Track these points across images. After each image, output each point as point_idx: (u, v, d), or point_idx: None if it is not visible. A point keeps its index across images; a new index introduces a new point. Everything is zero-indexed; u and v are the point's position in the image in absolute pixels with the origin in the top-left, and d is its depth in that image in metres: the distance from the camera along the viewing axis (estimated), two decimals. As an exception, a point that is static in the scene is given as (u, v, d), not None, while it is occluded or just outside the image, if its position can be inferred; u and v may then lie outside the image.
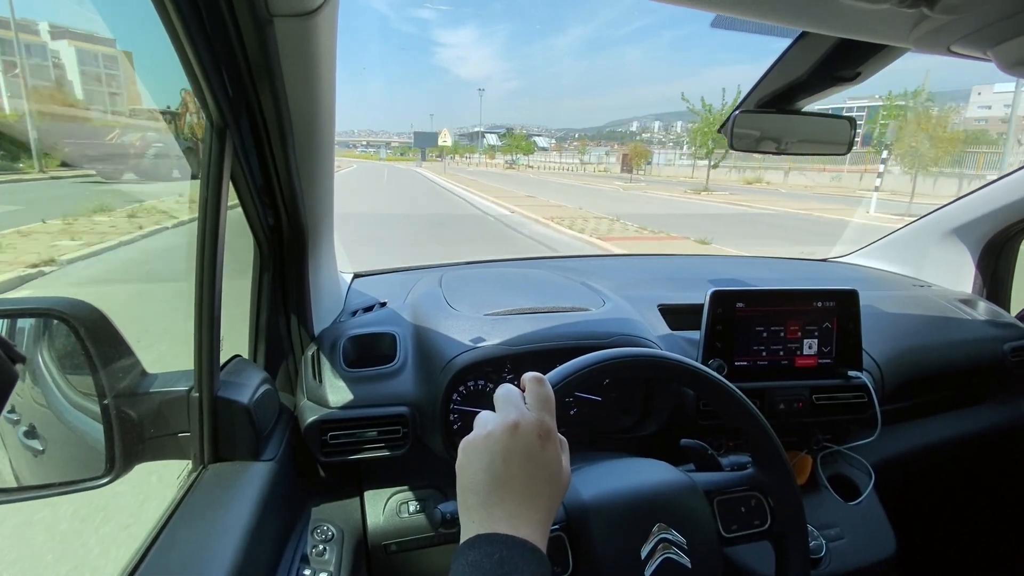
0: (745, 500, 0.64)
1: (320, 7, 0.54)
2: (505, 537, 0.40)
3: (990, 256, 1.41)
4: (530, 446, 0.44)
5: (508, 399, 0.47)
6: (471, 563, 0.38)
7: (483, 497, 0.42)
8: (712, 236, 8.88)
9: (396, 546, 0.88)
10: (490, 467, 0.43)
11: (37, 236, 5.58)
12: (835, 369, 0.99)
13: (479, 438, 0.45)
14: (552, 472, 0.44)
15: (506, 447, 0.43)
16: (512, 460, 0.43)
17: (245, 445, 0.72)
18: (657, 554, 0.56)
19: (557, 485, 0.45)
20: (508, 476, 0.42)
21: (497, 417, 0.46)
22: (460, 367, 0.85)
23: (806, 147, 0.91)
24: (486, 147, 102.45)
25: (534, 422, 0.45)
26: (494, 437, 0.44)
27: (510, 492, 0.42)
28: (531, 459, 0.43)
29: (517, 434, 0.44)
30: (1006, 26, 0.47)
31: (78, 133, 11.14)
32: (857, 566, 0.94)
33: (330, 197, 0.88)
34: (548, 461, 0.44)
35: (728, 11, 0.53)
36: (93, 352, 0.60)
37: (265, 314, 0.89)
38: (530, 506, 0.42)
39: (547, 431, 0.45)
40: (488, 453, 0.43)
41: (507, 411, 0.46)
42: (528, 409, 0.47)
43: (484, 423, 0.46)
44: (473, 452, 0.44)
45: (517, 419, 0.45)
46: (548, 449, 0.45)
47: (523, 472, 0.43)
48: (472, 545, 0.40)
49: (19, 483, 0.67)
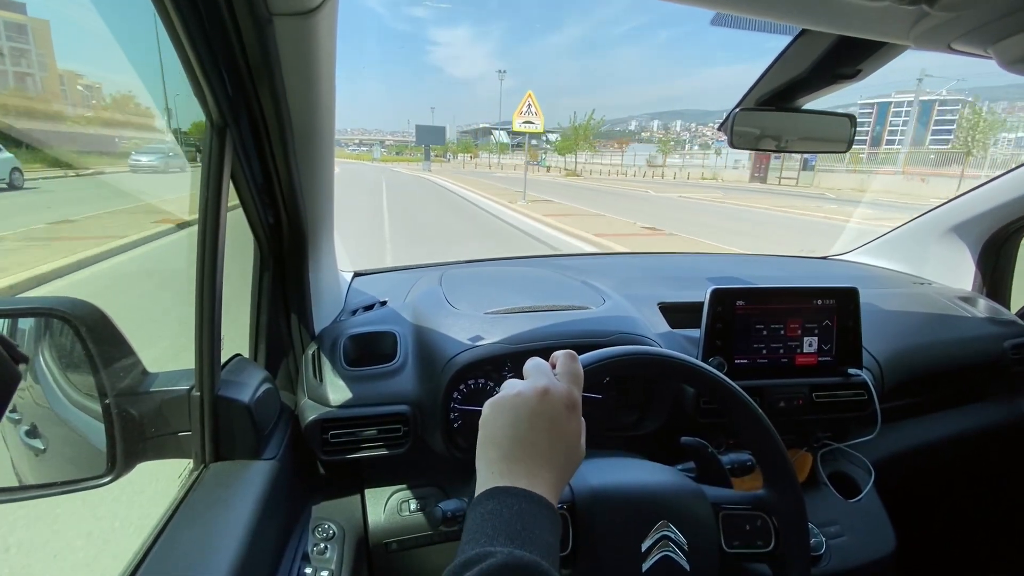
0: (751, 519, 0.63)
1: (320, 6, 0.54)
2: (524, 492, 0.40)
3: (990, 253, 1.41)
4: (557, 413, 0.45)
5: (539, 369, 0.49)
6: (490, 512, 0.39)
7: (505, 451, 0.43)
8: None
9: (397, 544, 0.88)
10: (515, 424, 0.44)
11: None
12: (835, 367, 0.99)
13: (508, 396, 0.46)
14: (572, 443, 0.45)
15: (533, 409, 0.44)
16: (538, 422, 0.44)
17: (246, 444, 0.72)
18: (656, 550, 0.56)
19: (574, 456, 0.46)
20: (532, 436, 0.43)
21: (528, 382, 0.47)
22: (460, 366, 0.85)
23: (806, 145, 0.91)
24: (491, 143, 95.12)
25: (564, 391, 0.46)
26: (523, 397, 0.45)
27: (532, 452, 0.43)
28: (555, 425, 0.44)
29: (546, 399, 0.45)
30: (1006, 23, 0.47)
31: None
32: (857, 563, 0.94)
33: (330, 196, 0.88)
34: (571, 432, 0.45)
35: (728, 9, 0.53)
36: (94, 351, 0.60)
37: (266, 313, 0.89)
38: (549, 469, 0.43)
39: (574, 403, 0.46)
40: (515, 411, 0.44)
41: (538, 378, 0.47)
42: (558, 381, 0.48)
43: (513, 385, 0.47)
44: (500, 408, 0.45)
45: (548, 385, 0.46)
46: (572, 420, 0.46)
47: (547, 436, 0.44)
48: (491, 495, 0.40)
49: (21, 482, 0.67)
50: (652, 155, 51.27)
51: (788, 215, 14.24)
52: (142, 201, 7.48)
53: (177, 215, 5.88)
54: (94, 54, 7.33)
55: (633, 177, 39.75)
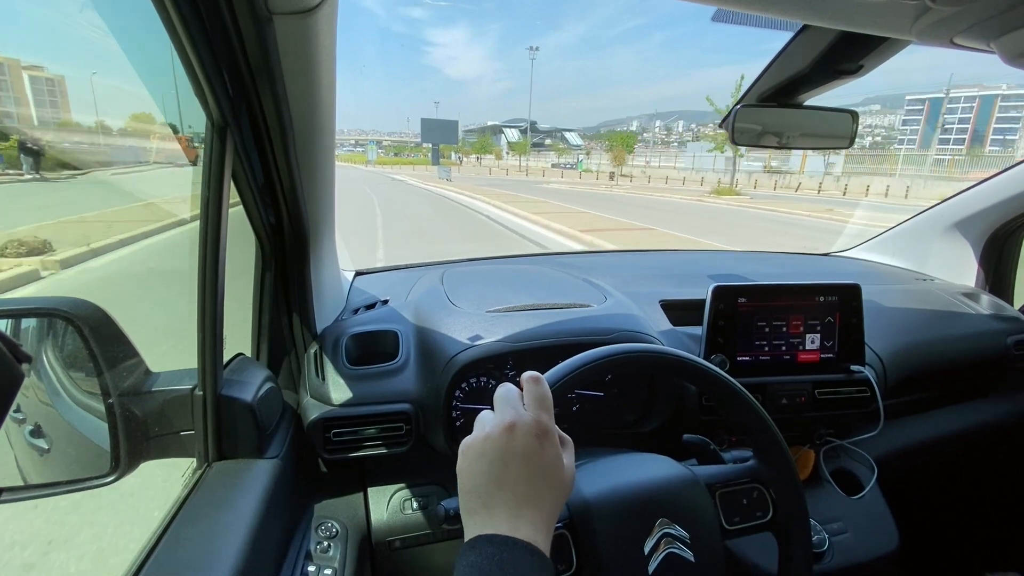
0: (747, 492, 0.64)
1: (319, 4, 0.54)
2: (505, 538, 0.39)
3: (993, 250, 1.41)
4: (528, 447, 0.43)
5: (506, 399, 0.47)
6: (471, 564, 0.39)
7: (484, 499, 0.42)
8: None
9: (400, 542, 0.88)
10: (489, 470, 0.43)
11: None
12: (838, 364, 0.99)
13: (477, 440, 0.45)
14: (552, 472, 0.44)
15: (503, 449, 0.43)
16: (511, 462, 0.43)
17: (249, 443, 0.72)
18: (660, 549, 0.56)
19: (559, 484, 0.44)
20: (508, 478, 0.42)
21: (495, 419, 0.46)
22: (462, 364, 0.85)
23: (808, 141, 0.91)
24: (499, 144, 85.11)
25: (530, 422, 0.45)
26: (491, 439, 0.44)
27: (511, 493, 0.42)
28: (529, 460, 0.43)
29: (513, 435, 0.44)
30: (1009, 17, 0.46)
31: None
32: (860, 560, 0.94)
33: (331, 195, 0.88)
34: (547, 461, 0.44)
35: (730, 5, 0.52)
36: (97, 351, 0.60)
37: (267, 312, 0.89)
38: (531, 506, 0.42)
39: (544, 430, 0.45)
40: (486, 455, 0.44)
41: (504, 412, 0.46)
42: (525, 409, 0.46)
43: (483, 424, 0.46)
44: (472, 455, 0.44)
45: (513, 420, 0.44)
46: (546, 448, 0.44)
47: (522, 473, 0.43)
48: (473, 546, 0.40)
49: (25, 482, 0.68)
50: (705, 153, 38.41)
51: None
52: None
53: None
54: (95, 54, 7.27)
55: (661, 183, 31.37)
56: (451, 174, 30.31)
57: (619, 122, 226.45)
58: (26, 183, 6.23)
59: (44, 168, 6.60)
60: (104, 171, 8.39)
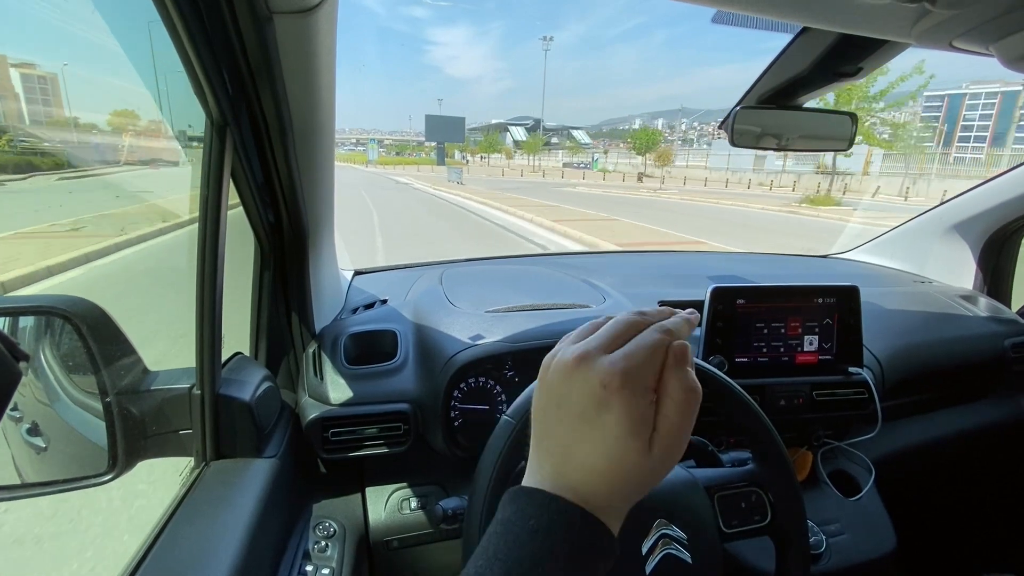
0: (745, 496, 0.64)
1: (320, 4, 0.54)
2: (549, 500, 0.30)
3: (991, 252, 1.41)
4: (582, 398, 0.31)
5: (613, 328, 0.34)
6: (504, 520, 0.31)
7: (538, 436, 0.34)
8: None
9: (398, 542, 0.88)
10: (546, 404, 0.33)
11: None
12: (836, 365, 0.99)
13: (551, 358, 0.35)
14: (611, 446, 0.30)
15: (554, 386, 0.33)
16: (565, 405, 0.32)
17: (247, 442, 0.72)
18: (658, 550, 0.56)
19: (620, 467, 0.31)
20: (556, 427, 0.33)
21: (579, 344, 0.34)
22: (461, 364, 0.85)
23: (807, 143, 0.91)
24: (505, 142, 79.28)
25: (604, 369, 0.31)
26: (554, 367, 0.33)
27: (559, 445, 0.32)
28: (583, 419, 0.31)
29: (574, 376, 0.32)
30: (1009, 21, 0.47)
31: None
32: (857, 562, 0.94)
33: (331, 195, 0.88)
34: (606, 430, 0.31)
35: (729, 7, 0.52)
36: (95, 350, 0.60)
37: (266, 311, 0.89)
38: (581, 471, 0.31)
39: (615, 386, 0.30)
40: (542, 382, 0.34)
41: (588, 340, 0.33)
42: (627, 354, 0.32)
43: (567, 340, 0.36)
44: (541, 376, 0.35)
45: (585, 352, 0.32)
46: (606, 413, 0.30)
47: (570, 428, 0.32)
48: (515, 498, 0.32)
49: (22, 480, 0.67)
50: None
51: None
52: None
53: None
54: (93, 54, 7.22)
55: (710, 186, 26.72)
56: (461, 176, 26.15)
57: (624, 120, 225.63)
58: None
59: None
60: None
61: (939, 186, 18.96)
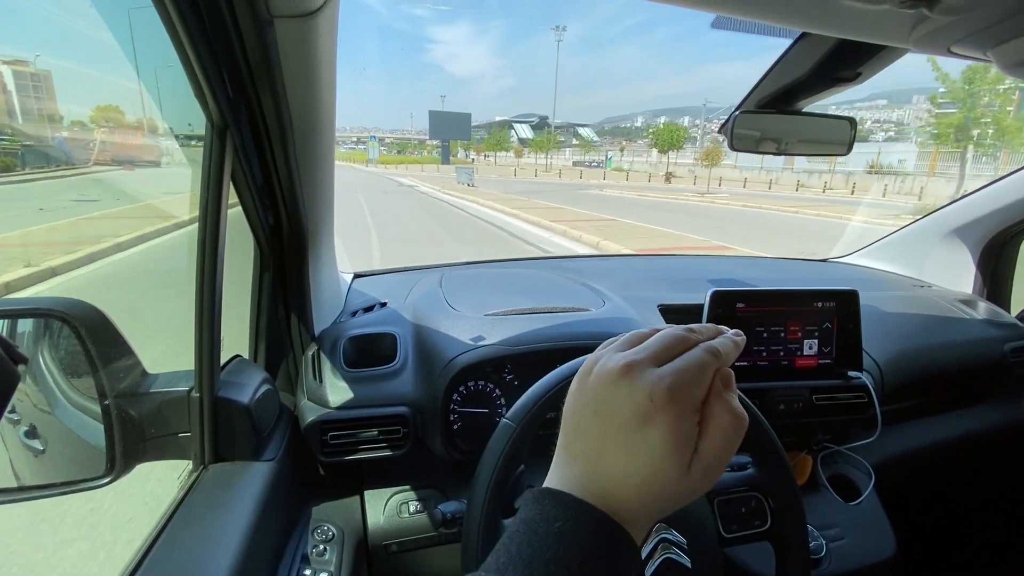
0: (745, 500, 0.64)
1: (320, 8, 0.54)
2: (577, 504, 0.30)
3: (990, 256, 1.41)
4: (626, 410, 0.30)
5: (663, 339, 0.33)
6: (528, 520, 0.30)
7: (568, 440, 0.33)
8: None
9: (397, 546, 0.88)
10: (581, 406, 0.33)
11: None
12: (835, 369, 0.99)
13: (590, 363, 0.34)
14: (649, 461, 0.30)
15: (597, 393, 0.32)
16: (603, 414, 0.31)
17: (245, 445, 0.72)
18: (657, 554, 0.56)
19: (655, 481, 0.30)
20: (590, 432, 0.32)
21: (625, 353, 0.33)
22: (460, 367, 0.85)
23: (806, 147, 0.91)
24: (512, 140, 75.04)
25: (653, 381, 0.30)
26: (598, 374, 0.33)
27: (591, 452, 0.32)
28: (625, 430, 0.30)
29: (618, 386, 0.31)
30: (1006, 27, 0.47)
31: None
32: (857, 566, 0.94)
33: (330, 197, 0.88)
34: (650, 443, 0.30)
35: (728, 12, 0.53)
36: (94, 352, 0.60)
37: (265, 314, 0.89)
38: (616, 479, 0.31)
39: (662, 403, 0.30)
40: (579, 386, 0.34)
41: (638, 351, 0.32)
42: (677, 369, 0.31)
43: (608, 344, 0.35)
44: (578, 379, 0.34)
45: (632, 361, 0.31)
46: (650, 428, 0.30)
47: (608, 439, 0.31)
48: (539, 499, 0.31)
49: (20, 483, 0.67)
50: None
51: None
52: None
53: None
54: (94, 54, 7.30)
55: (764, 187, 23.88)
56: (472, 177, 23.62)
57: (626, 118, 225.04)
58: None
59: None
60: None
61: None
